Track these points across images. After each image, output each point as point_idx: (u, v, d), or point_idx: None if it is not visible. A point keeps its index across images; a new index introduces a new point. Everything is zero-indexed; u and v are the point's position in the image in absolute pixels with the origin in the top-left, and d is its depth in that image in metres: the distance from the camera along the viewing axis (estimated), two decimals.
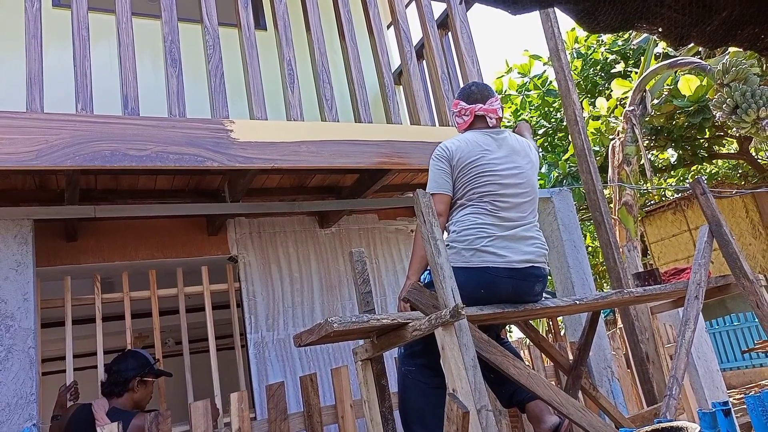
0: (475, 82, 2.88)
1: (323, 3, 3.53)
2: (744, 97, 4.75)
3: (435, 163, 2.50)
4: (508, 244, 2.35)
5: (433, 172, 2.50)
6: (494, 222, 2.37)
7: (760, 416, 1.57)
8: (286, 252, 3.99)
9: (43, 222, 3.17)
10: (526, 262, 2.36)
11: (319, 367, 3.77)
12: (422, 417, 2.35)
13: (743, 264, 2.75)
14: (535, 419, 2.45)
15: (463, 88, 2.73)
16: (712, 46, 0.96)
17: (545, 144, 10.60)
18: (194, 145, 2.81)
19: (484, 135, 2.56)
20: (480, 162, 2.45)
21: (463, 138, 2.55)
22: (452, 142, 2.54)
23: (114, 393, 2.98)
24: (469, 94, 2.65)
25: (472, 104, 2.62)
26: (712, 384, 4.34)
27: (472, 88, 2.69)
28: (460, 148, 2.48)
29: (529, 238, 2.43)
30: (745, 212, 11.14)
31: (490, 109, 2.62)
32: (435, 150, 2.56)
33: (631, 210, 5.94)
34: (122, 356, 3.10)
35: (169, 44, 2.92)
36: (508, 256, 2.32)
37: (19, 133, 2.50)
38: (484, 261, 2.30)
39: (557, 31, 4.44)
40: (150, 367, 3.08)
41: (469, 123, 2.62)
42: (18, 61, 3.03)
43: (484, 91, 2.67)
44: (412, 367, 2.39)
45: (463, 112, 2.64)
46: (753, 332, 10.02)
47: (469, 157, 2.45)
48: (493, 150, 2.50)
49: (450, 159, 2.47)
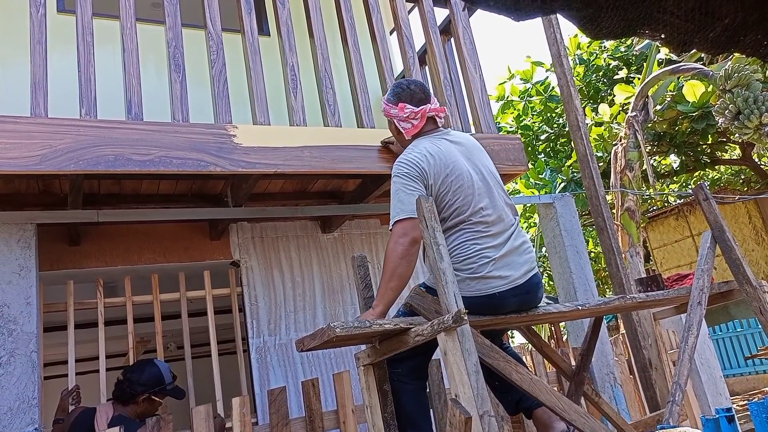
0: (408, 79, 2.60)
1: (326, 9, 3.54)
2: (746, 103, 4.75)
3: (406, 183, 2.24)
4: (508, 262, 2.25)
5: (404, 194, 2.23)
6: (490, 243, 2.24)
7: (764, 422, 1.56)
8: (289, 257, 3.99)
9: (47, 226, 3.18)
10: (527, 273, 2.29)
11: (321, 372, 3.76)
12: (413, 419, 2.33)
13: (746, 270, 2.75)
14: (543, 426, 2.41)
15: (402, 89, 2.47)
16: (715, 53, 0.96)
17: (548, 149, 10.61)
18: (197, 150, 2.82)
19: (441, 140, 2.39)
20: (455, 174, 2.28)
21: (425, 149, 2.31)
22: (419, 157, 2.28)
23: (120, 400, 2.94)
24: (412, 95, 2.44)
25: (420, 105, 2.42)
26: (715, 390, 4.32)
27: (413, 87, 2.47)
28: (431, 164, 2.26)
29: (521, 245, 2.33)
30: (748, 218, 11.12)
31: (439, 108, 2.45)
32: (400, 167, 2.29)
33: (634, 216, 5.93)
34: (140, 365, 3.02)
35: (172, 50, 2.93)
36: (510, 275, 2.23)
37: (23, 138, 2.51)
38: (491, 287, 2.20)
39: (560, 37, 4.45)
40: (162, 388, 2.98)
41: (420, 127, 2.43)
42: (23, 66, 3.05)
43: (426, 89, 2.49)
44: (398, 369, 2.36)
45: (412, 115, 2.42)
46: (756, 339, 9.98)
47: (444, 171, 2.26)
48: (459, 156, 2.34)
49: (424, 178, 2.25)
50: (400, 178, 2.27)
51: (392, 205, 2.27)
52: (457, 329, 1.89)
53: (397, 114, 2.45)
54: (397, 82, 2.57)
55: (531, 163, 9.91)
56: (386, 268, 2.21)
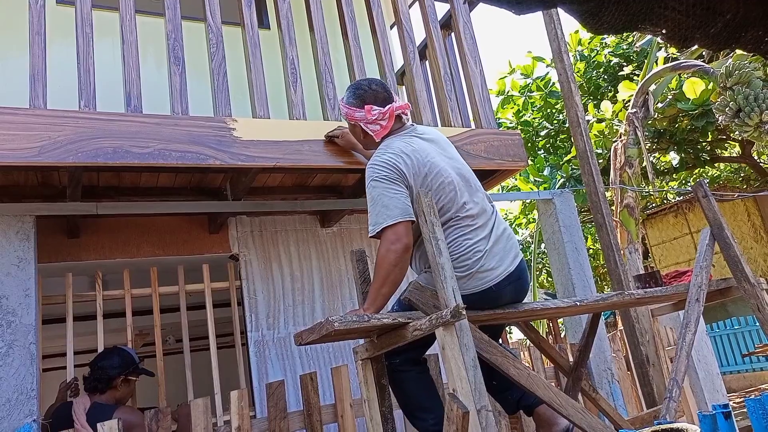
0: (370, 79, 2.51)
1: (326, 2, 3.53)
2: (747, 100, 4.74)
3: (388, 187, 2.17)
4: (497, 251, 2.24)
5: (388, 197, 2.16)
6: (479, 236, 2.23)
7: (760, 419, 1.56)
8: (287, 251, 3.99)
9: (45, 218, 3.17)
10: (515, 259, 2.29)
11: (319, 366, 3.77)
12: (420, 401, 2.34)
13: (744, 267, 2.75)
14: (546, 422, 2.39)
15: (364, 91, 2.40)
16: (716, 49, 0.96)
17: (547, 145, 10.60)
18: (197, 143, 2.81)
19: (412, 138, 2.34)
20: (434, 172, 2.23)
21: (399, 149, 2.26)
22: (394, 158, 2.22)
23: (97, 389, 2.98)
24: (376, 95, 2.38)
25: (386, 105, 2.36)
26: (712, 387, 4.33)
27: (374, 87, 2.40)
28: (409, 164, 2.22)
29: (504, 232, 2.33)
30: (747, 216, 11.13)
31: (403, 105, 2.39)
32: (376, 170, 2.21)
33: (633, 212, 5.93)
34: (107, 353, 3.10)
35: (172, 42, 2.92)
36: (502, 265, 2.23)
37: (22, 130, 2.51)
38: (486, 281, 2.20)
39: (560, 32, 4.44)
40: (135, 366, 3.08)
41: (389, 128, 2.37)
42: (22, 57, 3.03)
43: (386, 87, 2.43)
44: (396, 360, 2.36)
45: (380, 117, 2.35)
46: (754, 336, 10.00)
47: (422, 171, 2.22)
48: (433, 152, 2.31)
49: (404, 179, 2.20)
50: (380, 182, 2.19)
51: (375, 212, 2.18)
52: (456, 324, 1.89)
53: (363, 117, 2.38)
54: (355, 84, 2.49)
55: (531, 159, 9.90)
56: (378, 275, 2.16)
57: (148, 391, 4.65)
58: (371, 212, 2.20)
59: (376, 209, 2.18)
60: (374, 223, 2.18)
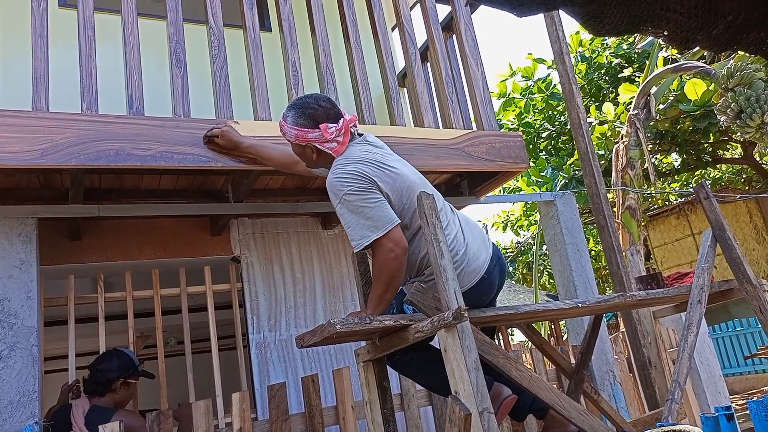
0: (314, 95, 2.43)
1: (328, 5, 3.54)
2: (749, 101, 4.74)
3: (365, 197, 2.13)
4: (470, 240, 2.29)
5: (370, 208, 2.12)
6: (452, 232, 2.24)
7: (763, 421, 1.56)
8: (289, 253, 3.99)
9: (47, 221, 3.18)
10: (487, 242, 2.37)
11: (321, 368, 3.77)
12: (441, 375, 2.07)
13: (746, 269, 2.75)
14: (560, 423, 2.36)
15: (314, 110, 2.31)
16: (718, 50, 0.96)
17: (549, 147, 10.60)
18: (198, 145, 2.82)
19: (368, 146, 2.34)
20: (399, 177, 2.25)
21: (361, 158, 2.23)
22: (360, 167, 2.19)
23: (96, 392, 2.97)
24: (327, 112, 2.31)
25: (339, 120, 2.32)
26: (714, 389, 4.32)
27: (323, 104, 2.33)
28: (376, 172, 2.20)
29: (467, 221, 2.37)
30: (749, 217, 11.12)
31: (351, 117, 2.38)
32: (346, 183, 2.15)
33: (635, 214, 5.93)
34: (106, 355, 3.09)
35: (174, 45, 2.93)
36: (482, 252, 2.30)
37: (25, 132, 2.51)
38: (478, 272, 2.25)
39: (562, 34, 4.44)
40: (134, 369, 3.08)
41: (346, 142, 2.33)
42: (24, 60, 3.04)
43: (332, 101, 2.39)
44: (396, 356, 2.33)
45: (336, 133, 2.29)
46: (756, 338, 9.99)
47: (389, 177, 2.22)
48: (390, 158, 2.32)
49: (376, 185, 2.18)
50: (355, 195, 2.14)
51: (359, 224, 2.12)
52: (457, 326, 1.89)
53: (319, 137, 2.29)
54: (299, 103, 2.37)
55: (532, 160, 9.90)
56: (380, 281, 2.15)
57: (150, 393, 4.65)
58: (353, 226, 2.14)
59: (359, 222, 2.13)
60: (361, 236, 2.13)
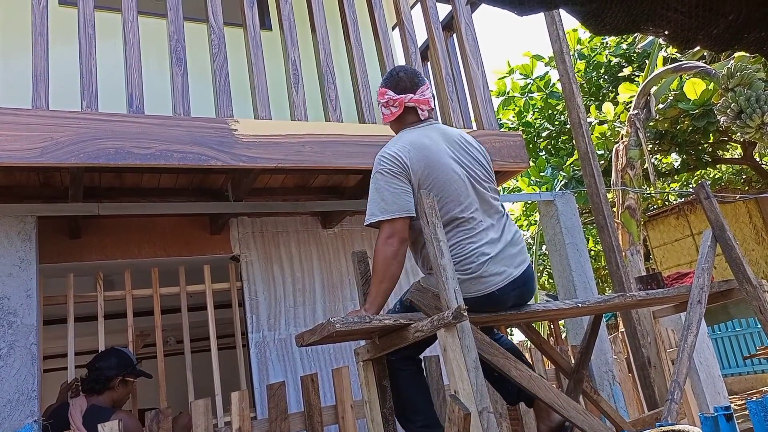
0: (403, 66, 2.50)
1: (328, 4, 3.54)
2: (749, 101, 4.74)
3: (390, 181, 2.17)
4: (503, 256, 2.20)
5: (389, 192, 2.15)
6: (485, 239, 2.18)
7: (762, 421, 1.56)
8: (289, 252, 3.99)
9: (47, 219, 3.18)
10: (521, 264, 2.25)
11: (320, 367, 3.77)
12: (412, 401, 2.33)
13: (746, 269, 2.75)
14: (545, 412, 2.41)
15: (390, 75, 2.42)
16: (719, 50, 0.96)
17: (549, 147, 10.59)
18: (198, 144, 2.81)
19: (425, 132, 2.31)
20: (439, 169, 2.20)
21: (407, 142, 2.25)
22: (400, 151, 2.20)
23: (94, 390, 2.97)
24: (398, 82, 2.36)
25: (402, 94, 2.34)
26: (713, 389, 4.32)
27: (401, 75, 2.39)
28: (414, 158, 2.19)
29: (514, 237, 2.29)
30: (749, 217, 11.12)
31: (422, 99, 2.36)
32: (382, 163, 2.21)
33: (634, 214, 5.93)
34: (105, 354, 3.09)
35: (174, 43, 2.93)
36: (506, 270, 2.18)
37: (24, 130, 2.51)
38: (490, 286, 2.16)
39: (562, 33, 4.43)
40: (132, 368, 3.07)
41: (397, 115, 2.36)
42: (24, 58, 3.04)
43: (414, 78, 2.39)
44: (393, 357, 2.35)
45: (391, 102, 2.34)
46: (755, 338, 9.98)
47: (428, 166, 2.19)
48: (442, 150, 2.26)
49: (407, 174, 2.18)
50: (383, 176, 2.19)
51: (374, 201, 2.18)
52: (457, 325, 1.89)
53: (379, 100, 2.40)
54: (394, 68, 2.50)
55: (532, 160, 9.89)
56: (377, 270, 2.16)
57: (149, 392, 4.65)
58: (371, 201, 2.20)
59: (375, 200, 2.19)
60: (370, 213, 2.19)
